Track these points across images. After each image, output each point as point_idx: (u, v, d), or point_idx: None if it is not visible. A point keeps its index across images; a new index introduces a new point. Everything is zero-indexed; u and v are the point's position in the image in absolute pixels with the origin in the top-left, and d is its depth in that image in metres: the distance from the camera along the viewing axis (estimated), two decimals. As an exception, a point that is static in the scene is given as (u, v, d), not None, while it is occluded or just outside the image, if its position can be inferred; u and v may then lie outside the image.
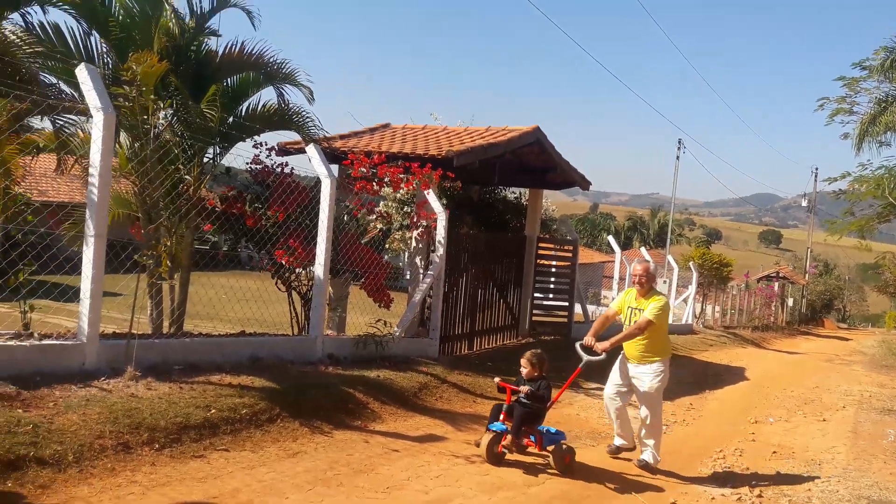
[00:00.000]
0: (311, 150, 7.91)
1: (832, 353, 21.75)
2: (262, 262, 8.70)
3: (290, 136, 10.52)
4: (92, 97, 5.35)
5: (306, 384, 6.47)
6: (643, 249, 21.77)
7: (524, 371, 6.04)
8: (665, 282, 21.60)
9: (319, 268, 7.71)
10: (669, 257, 22.61)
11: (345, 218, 9.37)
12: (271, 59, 8.46)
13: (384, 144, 11.01)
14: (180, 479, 4.40)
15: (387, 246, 10.20)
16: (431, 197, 9.60)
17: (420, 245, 10.01)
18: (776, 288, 32.05)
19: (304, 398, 6.13)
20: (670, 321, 20.61)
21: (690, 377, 12.50)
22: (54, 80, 7.46)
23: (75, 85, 7.13)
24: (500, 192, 14.86)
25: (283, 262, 8.09)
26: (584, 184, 13.91)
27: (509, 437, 5.75)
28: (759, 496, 5.94)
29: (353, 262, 8.77)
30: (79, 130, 7.64)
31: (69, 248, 6.84)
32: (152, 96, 6.08)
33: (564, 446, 5.94)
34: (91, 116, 5.51)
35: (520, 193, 15.32)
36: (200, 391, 5.52)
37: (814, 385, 13.28)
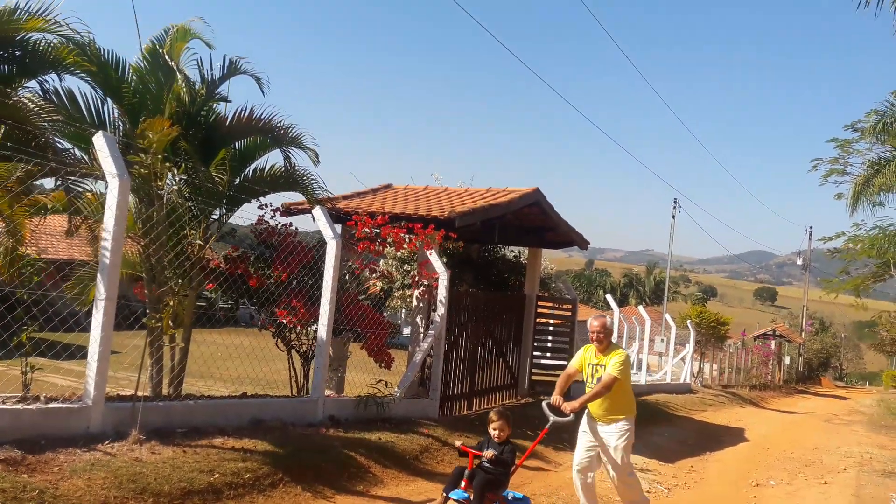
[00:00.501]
0: (317, 212, 8.06)
1: (831, 412, 21.66)
2: (262, 321, 8.75)
3: (294, 197, 10.70)
4: (108, 164, 5.50)
5: (308, 447, 6.46)
6: (641, 308, 21.87)
7: (495, 432, 5.50)
8: (663, 340, 21.63)
9: (322, 328, 7.77)
10: (667, 315, 22.67)
11: (346, 277, 9.47)
12: (279, 124, 8.67)
13: (387, 205, 11.19)
14: (185, 546, 4.39)
15: (387, 304, 10.29)
16: (433, 257, 9.73)
17: (421, 304, 10.08)
18: (773, 346, 32.06)
19: (306, 462, 6.12)
20: (668, 379, 20.73)
21: (691, 438, 12.45)
22: (68, 146, 7.62)
23: (86, 150, 7.32)
24: (500, 251, 15.03)
25: (285, 322, 8.15)
26: (583, 243, 14.08)
27: None
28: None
29: (355, 322, 8.82)
30: (87, 193, 7.77)
31: (68, 307, 6.91)
32: (164, 162, 6.23)
33: None
34: (103, 179, 5.64)
35: (519, 252, 15.48)
36: (204, 455, 5.52)
37: (813, 446, 13.21)
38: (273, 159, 11.08)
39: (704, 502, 8.10)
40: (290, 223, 9.17)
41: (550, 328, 14.52)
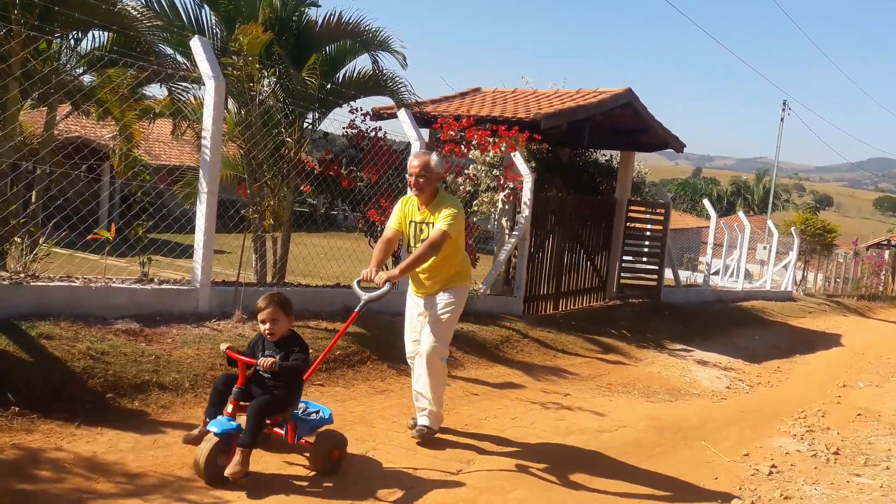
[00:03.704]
0: (402, 114, 8.30)
1: (945, 324, 20.62)
2: (356, 222, 9.24)
3: (383, 102, 10.98)
4: (204, 66, 5.91)
5: (394, 332, 6.94)
6: (741, 214, 21.15)
7: (265, 327, 3.89)
8: (765, 247, 21.03)
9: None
10: (770, 222, 21.91)
11: (434, 179, 9.75)
12: (367, 28, 8.88)
13: (473, 108, 11.29)
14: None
15: (474, 208, 10.54)
16: (518, 159, 9.84)
17: (506, 207, 10.28)
18: (886, 256, 30.36)
19: (391, 344, 6.60)
20: (768, 287, 20.23)
21: (783, 342, 12.34)
22: (170, 51, 8.14)
23: (187, 55, 7.79)
24: (591, 155, 14.88)
25: (375, 221, 8.59)
26: (678, 145, 13.72)
27: (239, 452, 3.58)
28: (836, 453, 5.98)
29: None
30: (191, 97, 8.34)
31: (179, 208, 7.56)
32: (257, 65, 6.60)
33: (331, 435, 4.02)
34: (203, 84, 6.09)
35: (611, 156, 15.27)
36: (300, 333, 6.08)
37: (916, 355, 12.80)
38: (362, 64, 11.35)
39: (786, 399, 8.15)
40: (380, 127, 9.48)
41: (644, 233, 14.45)
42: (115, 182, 15.51)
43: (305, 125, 9.15)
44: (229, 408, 3.70)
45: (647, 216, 14.40)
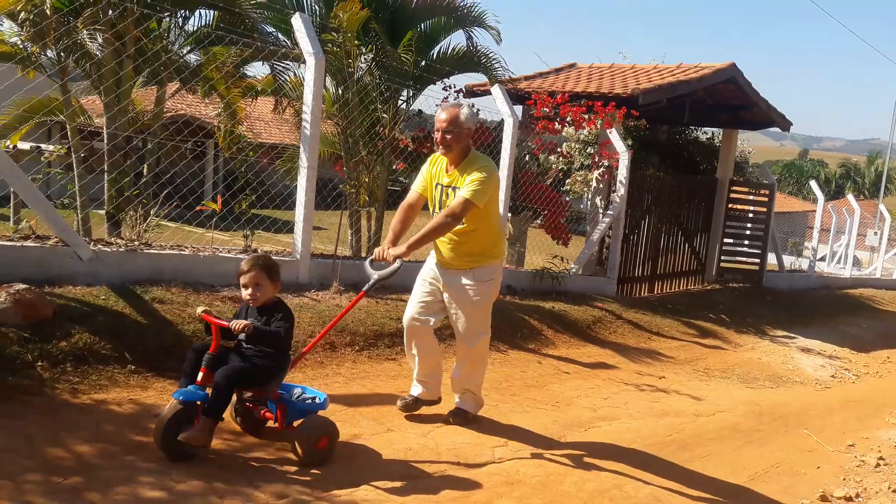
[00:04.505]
0: (495, 90, 8.26)
1: None
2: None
3: (476, 79, 10.94)
4: (305, 43, 6.04)
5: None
6: (850, 196, 19.96)
7: (247, 292, 3.55)
8: (876, 233, 19.82)
9: (500, 203, 8.12)
10: (882, 206, 20.64)
11: (525, 157, 9.68)
12: (462, 3, 8.86)
13: (568, 84, 11.10)
14: (376, 375, 5.09)
15: (567, 187, 10.39)
16: (614, 136, 9.62)
17: (601, 185, 10.08)
18: None
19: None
20: (878, 275, 19.04)
21: (893, 332, 11.63)
22: (271, 30, 8.37)
23: (288, 33, 7.98)
24: (691, 133, 14.38)
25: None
26: (784, 124, 13.06)
27: (202, 421, 3.24)
28: (953, 449, 5.61)
29: (533, 201, 9.09)
30: (291, 75, 8.56)
31: (278, 185, 7.80)
32: (355, 42, 6.69)
33: (319, 422, 3.58)
34: (304, 62, 6.23)
35: (712, 134, 14.70)
36: (393, 306, 6.19)
37: None
38: (456, 40, 11.32)
39: (893, 389, 7.69)
40: (472, 104, 9.46)
41: (746, 214, 13.89)
42: (218, 159, 16.17)
43: (400, 103, 9.24)
44: (200, 376, 3.32)
45: (750, 197, 13.81)
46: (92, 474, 3.04)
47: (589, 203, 10.53)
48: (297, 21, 6.14)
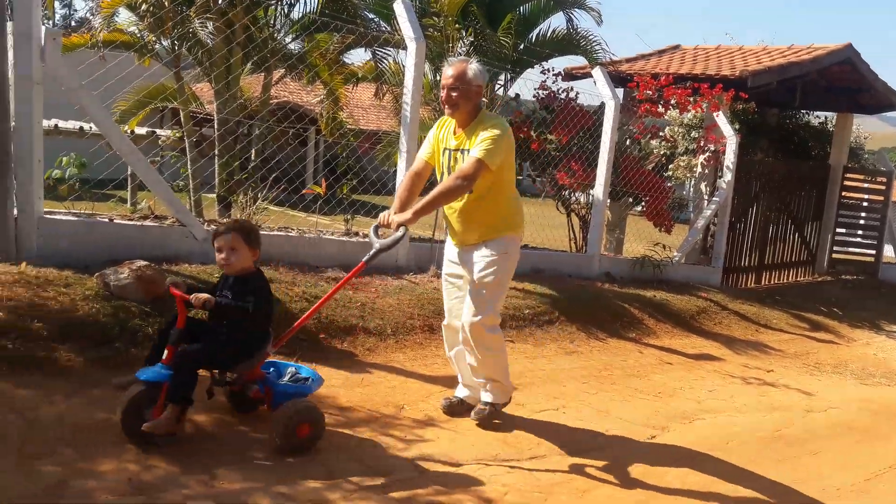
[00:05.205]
0: (596, 72, 8.08)
1: None
2: (543, 185, 9.16)
3: (575, 62, 10.74)
4: (406, 28, 6.08)
5: (583, 295, 6.86)
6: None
7: (220, 257, 3.25)
8: None
9: (599, 188, 7.96)
10: None
11: (626, 142, 9.43)
12: (562, -15, 8.71)
13: (672, 66, 10.74)
14: (474, 359, 5.08)
15: (669, 173, 10.07)
16: (721, 119, 9.25)
17: (706, 171, 9.73)
18: None
19: (581, 307, 6.52)
20: None
21: None
22: (371, 16, 8.48)
23: (388, 19, 8.06)
24: (802, 117, 13.64)
25: (564, 184, 8.46)
26: (906, 106, 12.21)
27: (168, 408, 2.98)
28: None
29: (634, 186, 8.85)
30: (391, 61, 8.64)
31: (376, 171, 7.91)
32: (455, 25, 6.68)
33: (300, 407, 3.22)
34: (404, 47, 6.27)
35: (825, 118, 13.91)
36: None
37: None
38: (556, 23, 11.14)
39: None
40: (571, 87, 9.29)
41: (861, 203, 13.09)
42: (319, 146, 16.58)
43: (496, 87, 9.18)
44: (165, 354, 3.03)
45: (866, 185, 13.00)
46: (209, 442, 3.19)
47: (692, 189, 10.18)
48: (398, 6, 6.18)
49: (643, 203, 9.20)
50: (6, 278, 4.02)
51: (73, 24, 36.41)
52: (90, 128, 7.86)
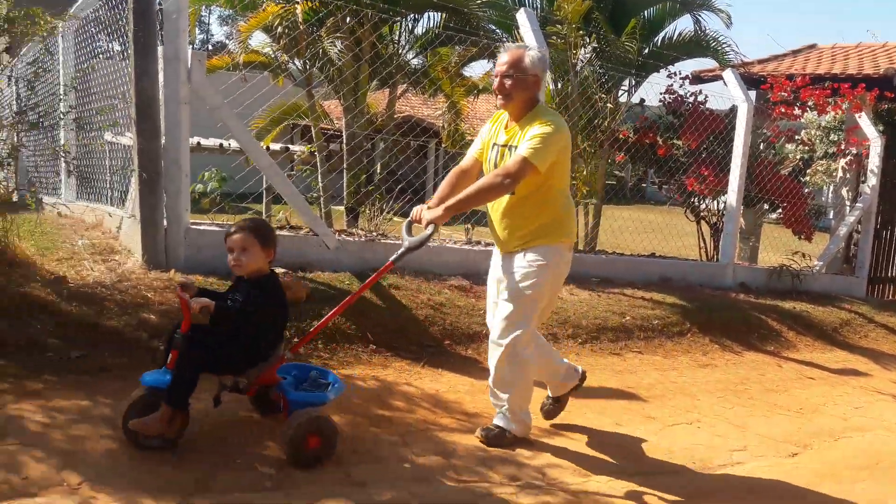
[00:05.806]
0: (727, 74, 7.79)
1: None
2: (670, 192, 8.89)
3: (702, 65, 10.39)
4: (529, 38, 6.09)
5: (716, 306, 6.58)
6: None
7: (233, 255, 3.03)
8: None
9: (732, 195, 7.64)
10: None
11: (760, 146, 9.01)
12: (688, -13, 8.44)
13: (808, 66, 10.18)
14: (600, 368, 4.99)
15: (806, 178, 9.52)
16: (864, 121, 8.66)
17: (847, 175, 9.15)
18: None
19: (714, 318, 6.26)
20: None
21: None
22: (493, 27, 8.55)
23: (510, 29, 8.09)
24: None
25: (694, 190, 8.17)
26: None
27: (163, 409, 2.84)
28: None
29: (769, 192, 8.43)
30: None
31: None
32: (578, 31, 6.63)
33: (309, 418, 2.98)
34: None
35: None
36: (615, 300, 6.05)
37: None
38: (682, 26, 10.82)
39: None
40: (700, 91, 8.97)
41: None
42: (439, 159, 16.87)
43: (620, 93, 9.01)
44: (169, 358, 2.90)
45: None
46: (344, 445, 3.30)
47: (832, 195, 9.58)
48: (521, 16, 6.21)
49: (780, 210, 8.74)
50: (158, 284, 4.35)
51: (209, 48, 39.00)
52: (229, 144, 8.36)
